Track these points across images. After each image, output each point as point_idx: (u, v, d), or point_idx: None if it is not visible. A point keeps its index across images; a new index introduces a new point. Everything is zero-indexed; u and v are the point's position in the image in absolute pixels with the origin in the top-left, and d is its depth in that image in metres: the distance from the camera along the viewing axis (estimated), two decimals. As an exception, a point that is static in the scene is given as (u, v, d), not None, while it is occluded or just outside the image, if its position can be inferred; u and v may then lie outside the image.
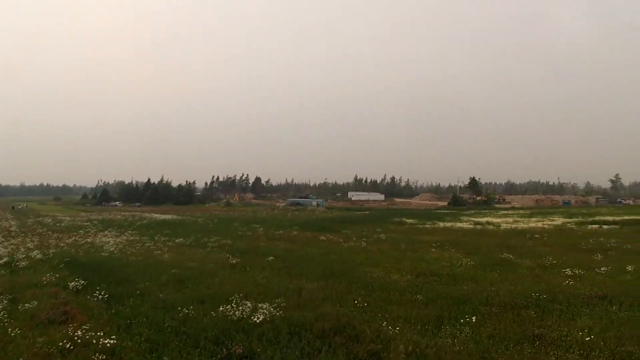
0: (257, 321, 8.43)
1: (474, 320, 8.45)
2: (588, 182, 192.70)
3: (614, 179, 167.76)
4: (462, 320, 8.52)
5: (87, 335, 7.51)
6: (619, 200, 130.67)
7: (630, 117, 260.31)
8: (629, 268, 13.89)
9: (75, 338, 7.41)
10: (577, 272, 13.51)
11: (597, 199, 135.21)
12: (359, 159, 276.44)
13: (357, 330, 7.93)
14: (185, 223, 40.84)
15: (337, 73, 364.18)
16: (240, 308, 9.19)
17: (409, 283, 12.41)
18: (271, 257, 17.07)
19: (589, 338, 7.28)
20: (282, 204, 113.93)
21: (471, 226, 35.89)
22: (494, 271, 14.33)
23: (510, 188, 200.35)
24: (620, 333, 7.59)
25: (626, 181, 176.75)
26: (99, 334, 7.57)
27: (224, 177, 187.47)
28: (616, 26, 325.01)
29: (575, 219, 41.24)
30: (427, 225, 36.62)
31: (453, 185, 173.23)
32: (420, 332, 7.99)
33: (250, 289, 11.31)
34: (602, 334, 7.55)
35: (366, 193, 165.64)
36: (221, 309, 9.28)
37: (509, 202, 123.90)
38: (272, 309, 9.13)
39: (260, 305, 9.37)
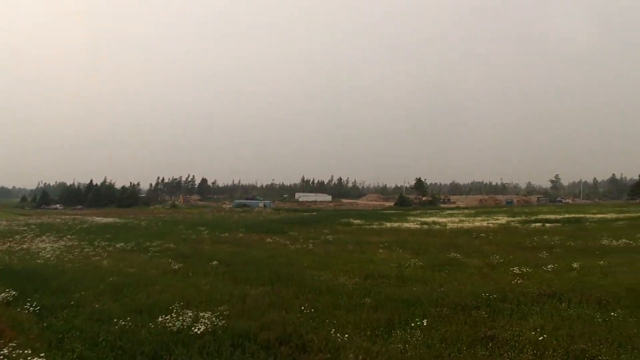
0: (198, 332, 8.06)
1: (425, 324, 8.43)
2: (529, 182, 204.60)
3: (554, 179, 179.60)
4: (412, 324, 8.50)
5: (15, 353, 6.92)
6: (559, 199, 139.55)
7: (568, 118, 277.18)
8: (575, 265, 14.54)
9: (1, 357, 6.81)
10: (524, 270, 14.01)
11: (538, 198, 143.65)
12: (307, 160, 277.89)
13: (304, 339, 7.72)
14: (128, 226, 39.44)
15: (285, 74, 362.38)
16: (181, 318, 8.81)
17: (358, 286, 12.36)
18: (215, 262, 16.73)
19: (541, 337, 7.40)
20: (228, 206, 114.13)
21: (418, 226, 36.71)
22: (443, 271, 14.59)
23: (455, 188, 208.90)
24: (572, 331, 7.80)
25: (565, 181, 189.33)
26: (27, 351, 6.98)
27: (169, 178, 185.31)
28: (566, 26, 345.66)
29: (519, 218, 43.23)
30: (374, 226, 37.11)
31: (399, 185, 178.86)
32: (371, 338, 7.88)
33: (192, 297, 10.93)
34: (554, 333, 7.71)
35: (313, 194, 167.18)
36: (160, 319, 8.85)
37: (454, 202, 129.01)
38: (214, 319, 8.79)
39: (202, 314, 9.02)
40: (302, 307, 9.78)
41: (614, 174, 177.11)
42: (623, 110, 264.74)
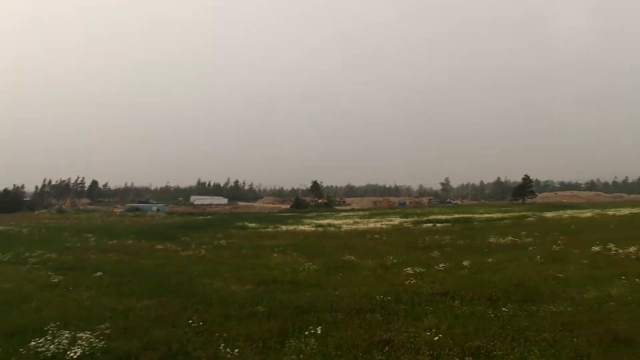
0: (75, 357, 7.18)
1: (319, 331, 8.25)
2: (421, 184, 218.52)
3: (444, 182, 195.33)
4: (307, 332, 8.30)
5: None
6: (448, 200, 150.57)
7: (458, 122, 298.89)
8: (465, 263, 15.34)
9: None
10: (417, 270, 14.48)
11: (429, 199, 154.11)
12: (202, 161, 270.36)
13: (192, 356, 7.28)
14: (7, 234, 35.28)
15: (181, 73, 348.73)
16: (57, 341, 7.78)
17: (250, 293, 12.00)
18: (100, 273, 15.33)
19: (437, 337, 7.56)
20: (120, 210, 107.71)
21: (313, 229, 37.26)
22: (337, 274, 14.71)
23: (350, 191, 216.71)
24: (466, 329, 8.08)
25: (455, 183, 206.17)
26: None
27: (57, 181, 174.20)
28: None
29: (411, 219, 45.60)
30: (269, 229, 37.10)
31: (296, 188, 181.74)
32: (263, 351, 7.54)
33: (71, 314, 9.84)
34: (449, 331, 7.93)
35: (209, 197, 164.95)
36: (33, 343, 7.73)
37: (349, 204, 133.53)
38: (93, 339, 7.88)
39: (80, 335, 8.04)
40: (191, 321, 9.17)
41: (498, 177, 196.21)
42: (505, 118, 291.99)
